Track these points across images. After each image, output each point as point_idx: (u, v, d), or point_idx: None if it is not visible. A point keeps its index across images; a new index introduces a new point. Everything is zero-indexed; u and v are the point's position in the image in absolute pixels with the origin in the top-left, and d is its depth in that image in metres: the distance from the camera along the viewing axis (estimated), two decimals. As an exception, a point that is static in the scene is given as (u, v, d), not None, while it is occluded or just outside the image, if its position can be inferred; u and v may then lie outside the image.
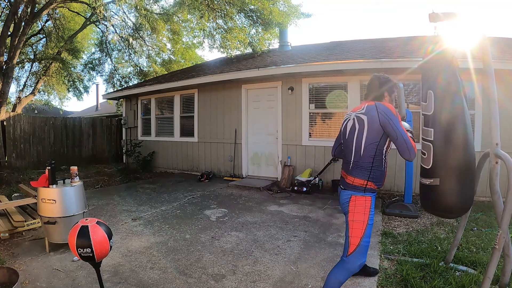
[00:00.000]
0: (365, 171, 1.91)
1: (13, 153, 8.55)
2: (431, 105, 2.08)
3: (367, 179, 1.90)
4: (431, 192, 2.15)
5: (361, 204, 1.91)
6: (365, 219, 1.89)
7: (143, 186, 6.57)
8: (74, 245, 1.76)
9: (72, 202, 3.02)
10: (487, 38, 2.12)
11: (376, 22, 78.22)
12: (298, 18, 9.94)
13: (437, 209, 2.23)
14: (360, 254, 1.88)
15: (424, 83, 2.20)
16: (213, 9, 8.96)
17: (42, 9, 8.60)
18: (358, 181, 1.92)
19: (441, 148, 2.06)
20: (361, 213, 1.90)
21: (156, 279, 2.53)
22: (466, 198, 2.11)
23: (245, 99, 7.20)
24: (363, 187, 1.91)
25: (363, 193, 1.92)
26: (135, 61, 13.22)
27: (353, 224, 1.90)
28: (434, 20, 2.14)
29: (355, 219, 1.90)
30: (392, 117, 1.86)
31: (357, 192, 1.93)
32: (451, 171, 2.05)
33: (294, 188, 5.81)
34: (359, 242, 1.87)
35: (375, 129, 1.88)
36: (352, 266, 1.89)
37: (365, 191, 1.91)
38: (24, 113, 10.60)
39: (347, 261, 1.90)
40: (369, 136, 1.90)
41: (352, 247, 1.88)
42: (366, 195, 1.92)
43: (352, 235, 1.89)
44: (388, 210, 4.36)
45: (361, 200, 1.92)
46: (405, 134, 1.83)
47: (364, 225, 1.88)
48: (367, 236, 1.89)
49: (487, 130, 2.11)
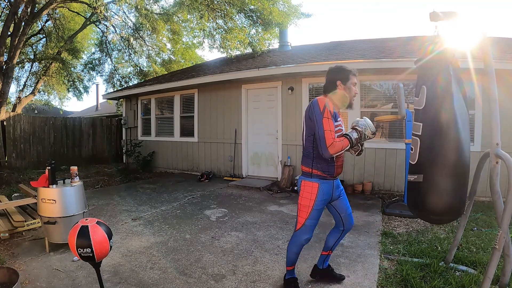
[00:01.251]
0: (308, 160, 2.11)
1: (13, 153, 8.54)
2: (423, 100, 2.06)
3: (311, 167, 2.08)
4: (414, 190, 2.06)
5: (308, 189, 2.08)
6: (311, 204, 2.06)
7: (143, 186, 6.57)
8: (74, 245, 1.76)
9: (72, 202, 3.02)
10: (488, 38, 2.12)
11: (376, 22, 78.17)
12: (298, 18, 9.94)
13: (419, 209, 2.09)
14: (305, 231, 2.11)
15: (419, 79, 2.18)
16: (213, 9, 8.96)
17: (42, 9, 8.60)
18: (304, 168, 2.14)
19: (428, 143, 1.98)
20: (307, 198, 2.08)
21: (156, 279, 2.53)
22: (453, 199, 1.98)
23: (245, 99, 7.20)
24: (309, 173, 2.09)
25: (310, 178, 2.09)
26: (135, 61, 13.23)
27: (300, 206, 2.13)
28: (434, 19, 2.14)
29: (302, 202, 2.11)
30: (316, 111, 1.97)
31: (305, 177, 2.13)
32: (437, 168, 1.94)
33: (294, 188, 5.81)
34: (304, 222, 2.10)
35: (308, 122, 2.06)
36: (299, 240, 2.14)
37: (312, 176, 2.08)
38: (24, 113, 10.60)
39: (295, 235, 2.16)
40: (306, 129, 2.09)
41: (298, 225, 2.14)
42: (313, 181, 2.07)
43: (300, 215, 2.13)
44: (388, 210, 4.36)
45: (308, 185, 2.09)
46: (322, 130, 1.94)
47: (309, 209, 2.07)
48: (312, 219, 2.09)
49: (487, 130, 2.10)
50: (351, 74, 2.10)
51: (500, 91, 2.27)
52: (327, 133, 1.93)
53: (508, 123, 4.63)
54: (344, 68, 2.12)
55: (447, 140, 1.94)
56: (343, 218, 2.26)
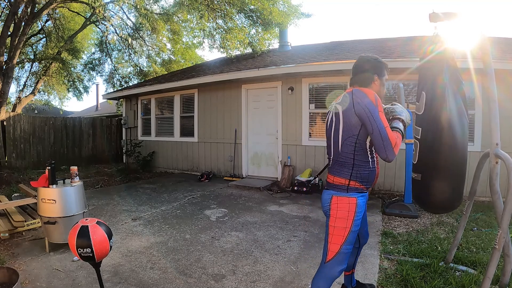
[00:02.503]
0: (345, 169, 1.69)
1: (13, 153, 8.54)
2: (422, 106, 2.18)
3: (349, 178, 1.68)
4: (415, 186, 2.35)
5: (344, 207, 1.68)
6: (348, 225, 1.66)
7: (143, 186, 6.57)
8: (74, 245, 1.76)
9: (72, 202, 3.02)
10: (487, 38, 2.12)
11: (376, 22, 78.18)
12: (298, 18, 9.94)
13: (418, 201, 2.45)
14: (339, 262, 1.69)
15: (419, 83, 2.28)
16: (213, 9, 8.97)
17: (42, 9, 8.60)
18: (339, 180, 1.71)
19: (425, 146, 2.17)
20: (344, 218, 1.67)
21: (156, 279, 2.53)
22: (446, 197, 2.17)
23: (245, 99, 7.20)
24: (345, 186, 1.68)
25: (346, 193, 1.69)
26: (135, 61, 13.23)
27: (334, 230, 1.69)
28: (434, 20, 2.15)
29: (337, 224, 1.68)
30: (370, 106, 1.58)
31: (339, 192, 1.70)
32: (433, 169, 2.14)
33: (294, 188, 5.81)
34: (339, 250, 1.67)
35: (351, 120, 1.64)
36: (330, 273, 1.70)
37: (348, 190, 1.68)
38: (24, 113, 10.61)
39: (326, 267, 1.71)
40: (345, 129, 1.67)
41: (331, 254, 1.69)
42: (350, 196, 1.68)
43: (332, 241, 1.69)
44: (388, 210, 4.36)
45: (344, 202, 1.68)
46: (383, 128, 1.56)
47: (346, 232, 1.66)
48: (348, 243, 1.68)
49: (487, 130, 2.12)
50: (386, 69, 1.85)
51: (500, 91, 2.28)
52: (389, 131, 1.57)
53: (508, 123, 4.64)
54: (382, 61, 1.85)
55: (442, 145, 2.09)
56: (360, 235, 2.00)
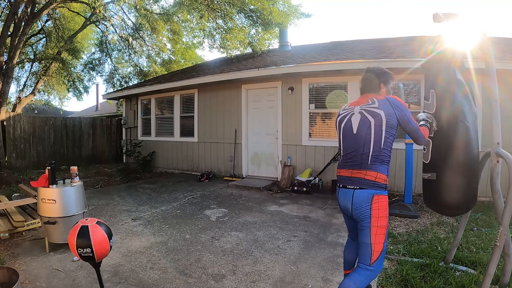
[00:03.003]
0: (385, 165, 1.77)
1: (13, 153, 8.54)
2: (433, 104, 2.14)
3: (387, 174, 1.76)
4: (428, 187, 2.24)
5: (385, 205, 1.73)
6: (386, 223, 1.74)
7: (143, 186, 6.57)
8: (74, 245, 1.76)
9: (72, 202, 3.02)
10: (488, 38, 2.12)
11: (376, 22, 78.19)
12: (298, 18, 9.94)
13: (433, 203, 2.29)
14: (383, 259, 1.75)
15: (427, 82, 2.25)
16: (213, 9, 8.97)
17: (42, 9, 8.60)
18: (382, 176, 1.74)
19: (440, 145, 2.12)
20: (385, 216, 1.72)
21: (156, 279, 2.53)
22: (465, 196, 2.12)
23: (245, 99, 7.20)
24: (385, 183, 1.75)
25: (384, 190, 1.75)
26: (135, 61, 13.23)
27: (378, 229, 1.70)
28: (437, 20, 2.16)
29: (380, 224, 1.70)
30: (405, 110, 1.84)
31: (380, 191, 1.73)
32: (448, 168, 2.09)
33: (294, 188, 5.81)
34: (383, 248, 1.73)
35: (393, 122, 1.79)
36: (376, 273, 1.75)
37: (385, 188, 1.76)
38: (24, 113, 10.60)
39: (372, 269, 1.72)
40: (388, 129, 1.78)
41: (376, 254, 1.71)
42: (386, 194, 1.76)
43: (376, 241, 1.71)
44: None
45: (384, 200, 1.73)
46: (415, 125, 1.87)
47: (385, 229, 1.73)
48: (386, 240, 1.77)
49: (488, 130, 2.11)
50: (392, 78, 2.04)
51: (501, 91, 2.28)
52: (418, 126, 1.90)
53: (508, 123, 4.63)
54: (386, 71, 2.04)
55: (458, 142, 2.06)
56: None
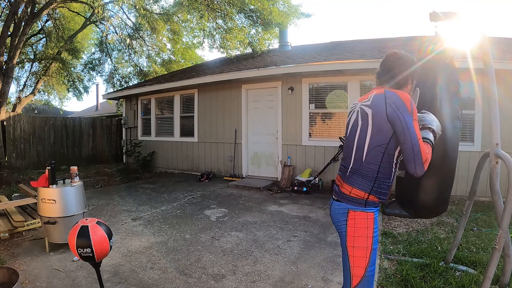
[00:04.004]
0: (367, 181, 1.46)
1: (13, 153, 8.54)
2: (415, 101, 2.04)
3: (369, 192, 1.46)
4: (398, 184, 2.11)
5: (363, 223, 1.47)
6: (369, 244, 1.47)
7: (143, 186, 6.57)
8: (74, 245, 1.76)
9: (72, 202, 3.02)
10: (487, 38, 2.12)
11: (376, 22, 78.23)
12: (298, 18, 9.94)
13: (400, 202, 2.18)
14: (367, 286, 1.50)
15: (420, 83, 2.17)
16: (213, 9, 8.97)
17: (42, 9, 8.60)
18: (357, 192, 1.48)
19: None
20: (364, 236, 1.46)
21: (156, 279, 2.53)
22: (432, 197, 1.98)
23: (245, 99, 7.20)
24: (364, 200, 1.47)
25: (364, 207, 1.48)
26: (135, 61, 13.23)
27: (354, 251, 1.48)
28: (434, 19, 2.14)
29: (357, 244, 1.47)
30: (404, 112, 1.38)
31: (356, 207, 1.49)
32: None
33: (294, 188, 5.81)
34: (364, 273, 1.47)
35: (382, 126, 1.42)
36: None
37: (366, 205, 1.47)
38: (24, 113, 10.60)
39: None
40: (374, 135, 1.45)
41: (356, 280, 1.48)
42: (368, 211, 1.47)
43: (355, 265, 1.48)
44: (388, 210, 4.36)
45: (362, 217, 1.47)
46: (416, 139, 1.37)
47: (368, 251, 1.46)
48: (372, 264, 1.49)
49: (487, 130, 2.09)
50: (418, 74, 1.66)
51: (500, 91, 2.27)
52: (422, 144, 1.38)
53: (508, 123, 4.63)
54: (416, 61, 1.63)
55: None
56: None
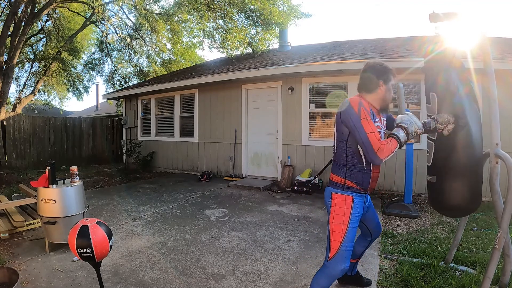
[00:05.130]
0: (341, 169, 1.84)
1: (13, 153, 8.54)
2: (435, 107, 2.07)
3: (344, 177, 1.82)
4: (430, 189, 2.23)
5: (341, 204, 1.80)
6: (345, 222, 1.77)
7: (143, 186, 6.57)
8: (74, 245, 1.76)
9: (72, 202, 3.02)
10: (487, 38, 2.12)
11: (376, 22, 78.24)
12: (298, 18, 9.94)
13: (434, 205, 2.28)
14: (341, 260, 1.76)
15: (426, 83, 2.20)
16: (213, 9, 8.97)
17: (42, 9, 8.60)
18: (336, 178, 1.87)
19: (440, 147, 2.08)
20: (341, 214, 1.79)
21: (156, 279, 2.53)
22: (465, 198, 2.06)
23: (245, 99, 7.20)
24: (342, 184, 1.83)
25: (343, 190, 1.82)
26: (135, 61, 13.23)
27: (333, 226, 1.80)
28: (434, 20, 2.14)
29: (335, 220, 1.80)
30: (351, 114, 1.71)
31: (337, 190, 1.85)
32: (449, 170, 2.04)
33: (294, 188, 5.81)
34: (339, 246, 1.76)
35: (339, 127, 1.82)
36: (332, 271, 1.78)
37: (345, 188, 1.82)
38: (24, 113, 10.60)
39: (327, 266, 1.80)
40: (337, 134, 1.85)
41: (332, 251, 1.78)
42: (347, 194, 1.81)
43: (332, 238, 1.79)
44: (388, 210, 4.36)
45: (341, 198, 1.81)
46: (364, 134, 1.67)
47: (344, 228, 1.76)
48: (348, 241, 1.77)
49: (487, 130, 2.09)
50: (393, 74, 1.90)
51: (500, 91, 2.27)
52: (371, 136, 1.66)
53: (508, 123, 4.63)
54: (387, 67, 1.90)
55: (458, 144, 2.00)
56: (371, 229, 2.13)
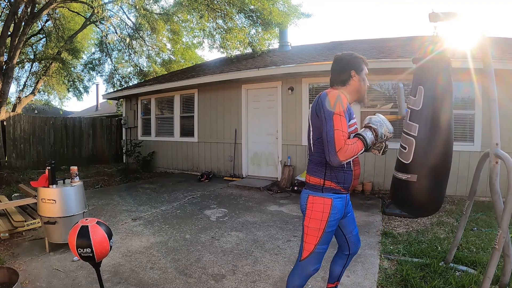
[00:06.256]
0: (318, 168, 1.66)
1: (13, 153, 8.54)
2: (420, 101, 2.03)
3: (323, 178, 1.64)
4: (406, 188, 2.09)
5: (319, 207, 1.64)
6: (322, 227, 1.63)
7: (143, 186, 6.57)
8: (74, 245, 1.76)
9: (72, 202, 3.02)
10: (487, 38, 2.12)
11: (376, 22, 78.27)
12: (298, 18, 9.95)
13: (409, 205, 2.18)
14: (314, 261, 1.68)
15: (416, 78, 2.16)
16: (213, 9, 8.97)
17: (42, 9, 8.60)
18: (313, 179, 1.68)
19: (424, 145, 2.02)
20: (318, 219, 1.64)
21: (156, 279, 2.53)
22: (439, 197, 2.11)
23: (245, 99, 7.20)
24: (321, 186, 1.65)
25: (321, 193, 1.65)
26: (135, 61, 13.23)
27: (308, 230, 1.67)
28: (434, 20, 2.14)
29: (310, 225, 1.66)
30: (325, 106, 1.56)
31: (314, 192, 1.67)
32: (430, 169, 2.02)
33: (294, 188, 5.81)
34: (313, 249, 1.65)
35: (315, 122, 1.65)
36: (306, 272, 1.69)
37: (323, 190, 1.65)
38: (24, 113, 10.60)
39: (301, 265, 1.70)
40: (313, 130, 1.68)
41: (305, 253, 1.68)
42: (325, 196, 1.64)
43: (306, 241, 1.67)
44: (388, 210, 4.36)
45: (319, 202, 1.64)
46: (331, 130, 1.52)
47: (319, 232, 1.64)
48: (323, 243, 1.66)
49: (487, 130, 2.09)
50: (364, 63, 1.77)
51: (500, 91, 2.27)
52: (338, 134, 1.51)
53: (508, 123, 4.63)
54: (357, 56, 1.75)
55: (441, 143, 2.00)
56: (349, 240, 1.89)
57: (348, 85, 1.72)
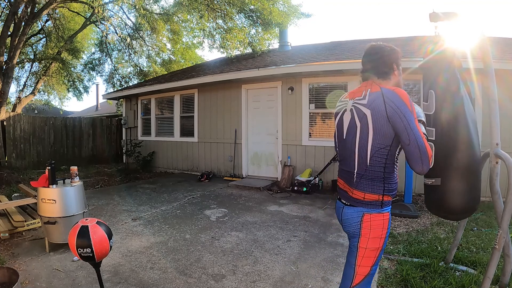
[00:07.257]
0: (378, 184, 1.41)
1: (13, 153, 8.54)
2: (432, 105, 2.07)
3: (383, 193, 1.41)
4: (434, 193, 2.13)
5: (379, 225, 1.42)
6: (381, 244, 1.44)
7: (143, 186, 6.57)
8: (74, 245, 1.76)
9: (72, 202, 3.02)
10: (487, 38, 2.12)
11: (376, 22, 78.27)
12: (298, 18, 9.95)
13: (440, 210, 2.19)
14: (366, 284, 1.48)
15: (425, 82, 2.20)
16: (213, 9, 8.97)
17: (42, 9, 8.60)
18: (371, 196, 1.42)
19: (443, 148, 2.03)
20: (378, 237, 1.42)
21: (156, 279, 2.53)
22: (470, 199, 2.06)
23: (245, 99, 7.20)
24: (379, 201, 1.42)
25: (380, 208, 1.42)
26: (135, 61, 13.24)
27: (366, 252, 1.44)
28: (434, 20, 2.14)
29: (369, 246, 1.43)
30: (406, 111, 1.32)
31: (371, 210, 1.43)
32: (453, 171, 2.01)
33: (294, 188, 5.81)
34: (368, 272, 1.46)
35: (383, 128, 1.36)
36: None
37: (383, 205, 1.43)
38: (24, 113, 10.60)
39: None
40: (377, 138, 1.38)
41: (358, 278, 1.46)
42: (384, 211, 1.43)
43: (362, 264, 1.45)
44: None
45: (379, 219, 1.42)
46: (420, 138, 1.32)
47: (378, 252, 1.44)
48: (377, 263, 1.47)
49: (487, 130, 2.08)
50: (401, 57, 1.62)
51: (500, 91, 2.27)
52: (426, 143, 1.34)
53: (508, 123, 4.63)
54: (396, 48, 1.59)
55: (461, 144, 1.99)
56: None
57: (389, 79, 1.54)
